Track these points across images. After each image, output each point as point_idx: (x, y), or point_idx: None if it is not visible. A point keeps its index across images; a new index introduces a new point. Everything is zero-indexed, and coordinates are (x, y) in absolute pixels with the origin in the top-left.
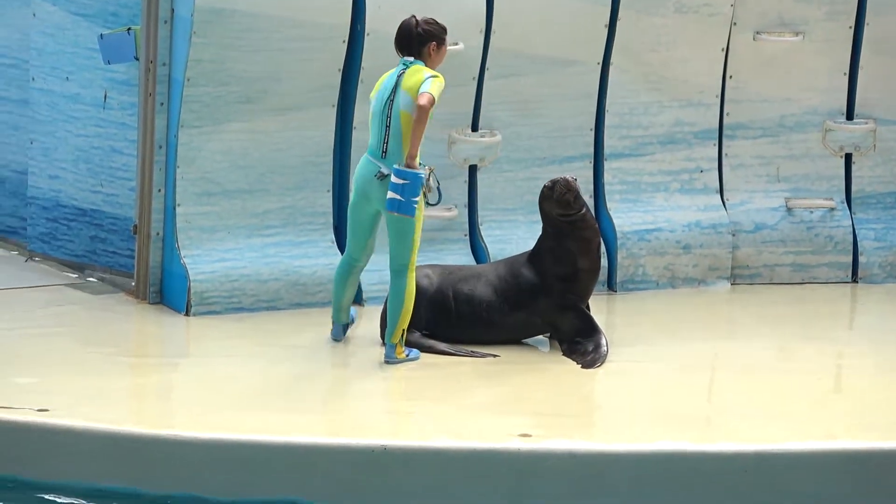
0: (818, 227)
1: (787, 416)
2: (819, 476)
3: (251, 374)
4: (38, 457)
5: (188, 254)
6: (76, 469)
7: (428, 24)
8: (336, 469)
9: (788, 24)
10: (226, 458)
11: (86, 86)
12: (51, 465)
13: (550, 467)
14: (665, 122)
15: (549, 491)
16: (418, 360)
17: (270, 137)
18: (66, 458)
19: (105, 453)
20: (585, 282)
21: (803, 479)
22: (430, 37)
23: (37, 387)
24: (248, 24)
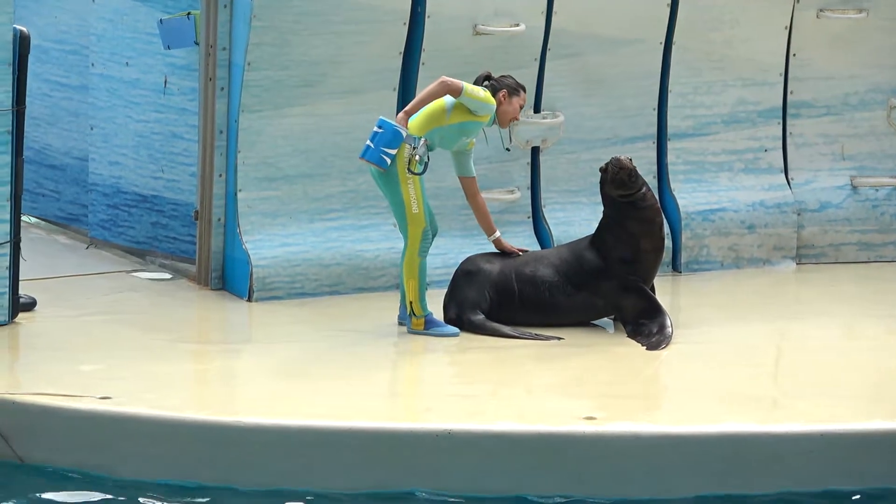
0: (884, 206)
1: (854, 396)
2: (889, 456)
3: (315, 359)
4: (101, 446)
5: (250, 239)
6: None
7: (501, 77)
8: (402, 454)
9: (852, 1)
10: (291, 445)
11: (146, 71)
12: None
13: (616, 450)
14: (728, 101)
15: (614, 474)
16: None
17: (331, 121)
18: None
19: (169, 441)
20: (648, 263)
21: (872, 459)
22: (501, 85)
23: (100, 374)
24: (308, 8)
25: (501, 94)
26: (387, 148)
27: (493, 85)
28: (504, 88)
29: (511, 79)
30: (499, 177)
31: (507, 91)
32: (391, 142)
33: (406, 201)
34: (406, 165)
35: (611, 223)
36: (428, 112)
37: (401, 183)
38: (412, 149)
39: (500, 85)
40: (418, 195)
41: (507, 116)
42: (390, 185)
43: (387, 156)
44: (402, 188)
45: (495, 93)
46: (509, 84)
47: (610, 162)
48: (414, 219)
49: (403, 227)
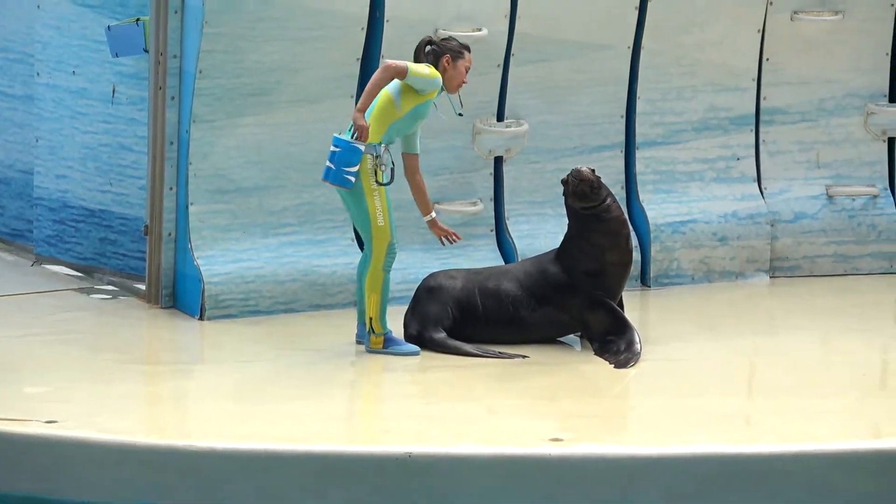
0: (861, 216)
1: (831, 414)
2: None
3: (270, 379)
4: (48, 471)
5: (202, 255)
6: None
7: (443, 40)
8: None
9: (828, 3)
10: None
11: (93, 80)
12: (61, 480)
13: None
14: (699, 107)
15: (581, 497)
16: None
17: (286, 131)
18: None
19: (118, 466)
20: (615, 277)
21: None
22: (444, 50)
23: (46, 396)
24: (262, 13)
25: (445, 59)
26: (348, 167)
27: (434, 50)
28: (447, 53)
29: (454, 41)
30: (460, 188)
31: (451, 55)
32: (351, 159)
33: (371, 213)
34: (371, 177)
35: (575, 236)
36: (378, 112)
37: (366, 195)
38: (374, 158)
39: (443, 49)
40: (384, 207)
41: (455, 81)
42: (355, 197)
43: (349, 175)
44: (367, 200)
45: (438, 59)
46: (452, 48)
47: (570, 173)
48: (380, 231)
49: (368, 241)
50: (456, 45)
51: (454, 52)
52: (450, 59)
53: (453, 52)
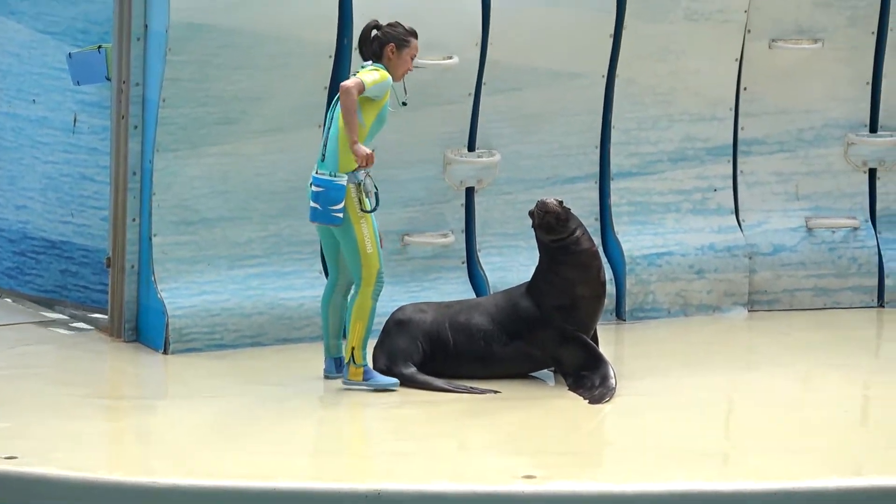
0: (841, 249)
1: (810, 451)
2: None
3: (234, 415)
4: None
5: (165, 287)
6: None
7: (389, 25)
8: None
9: (807, 31)
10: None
11: (54, 109)
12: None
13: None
14: (675, 137)
15: None
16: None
17: (252, 161)
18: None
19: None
20: (587, 311)
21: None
22: (388, 38)
23: (5, 432)
24: (228, 40)
25: (389, 48)
26: (335, 205)
27: (379, 37)
28: (391, 42)
29: (400, 27)
30: (431, 219)
31: (396, 44)
32: (337, 197)
33: (360, 241)
34: (357, 205)
35: (545, 269)
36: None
37: (353, 223)
38: (357, 186)
39: (388, 37)
40: (371, 234)
41: (399, 70)
42: (344, 228)
43: (338, 212)
44: (354, 228)
45: (383, 47)
46: (398, 35)
47: (536, 205)
48: (368, 259)
49: (357, 269)
50: (401, 33)
51: (399, 41)
52: (394, 48)
53: (398, 40)
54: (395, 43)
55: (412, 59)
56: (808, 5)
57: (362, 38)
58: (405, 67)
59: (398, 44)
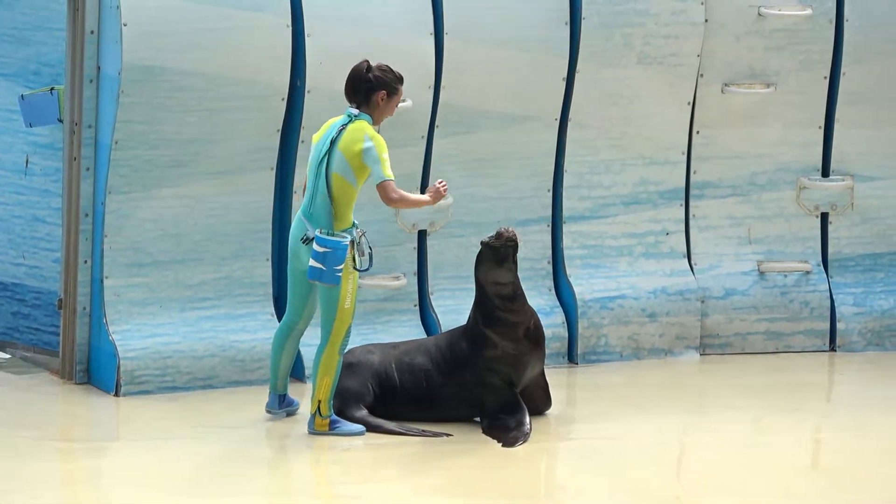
0: (793, 293)
1: (762, 495)
2: None
3: (186, 457)
4: None
5: (117, 329)
6: None
7: (381, 70)
8: None
9: (759, 75)
10: None
11: (5, 150)
12: None
13: None
14: (628, 181)
15: None
16: (362, 437)
17: (205, 203)
18: None
19: None
20: (510, 364)
21: None
22: (380, 85)
23: None
24: (180, 83)
25: (379, 95)
26: (339, 265)
27: (370, 82)
28: (383, 89)
29: (391, 73)
30: (383, 262)
31: (387, 91)
32: (343, 257)
33: (342, 296)
34: (350, 262)
35: (477, 312)
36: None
37: (342, 279)
38: (352, 244)
39: (379, 84)
40: (354, 291)
41: (383, 117)
42: (335, 292)
43: (340, 272)
44: (343, 294)
45: (372, 91)
46: (389, 82)
47: (495, 234)
48: (343, 314)
49: (329, 322)
50: (392, 80)
51: (390, 88)
52: (385, 96)
53: (390, 87)
54: (387, 90)
55: (397, 105)
56: (760, 49)
57: (354, 78)
58: (390, 115)
59: (389, 91)
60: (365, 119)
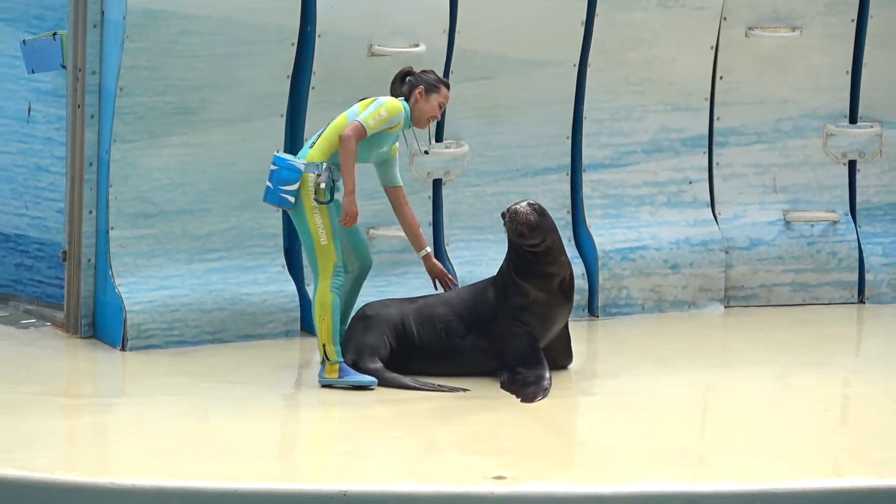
0: (820, 243)
1: (788, 452)
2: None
3: (194, 414)
4: None
5: (123, 282)
6: None
7: (423, 72)
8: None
9: (784, 19)
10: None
11: (7, 98)
12: None
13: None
14: (649, 128)
15: None
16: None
17: (213, 152)
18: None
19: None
20: (541, 315)
21: None
22: (419, 82)
23: None
24: (186, 27)
25: (418, 90)
26: (286, 186)
27: (411, 82)
28: (421, 85)
29: (433, 74)
30: None
31: (425, 87)
32: (288, 179)
33: (313, 232)
34: (312, 195)
35: (510, 266)
36: (329, 134)
37: (307, 213)
38: (316, 176)
39: (418, 81)
40: (326, 225)
41: (424, 115)
42: (298, 216)
43: (288, 194)
44: (308, 219)
45: (412, 90)
46: (428, 80)
47: (508, 211)
48: (323, 251)
49: (313, 261)
50: (433, 79)
51: (429, 85)
52: (423, 91)
53: (428, 84)
54: (425, 86)
55: (441, 106)
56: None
57: (393, 82)
58: (432, 113)
59: (427, 87)
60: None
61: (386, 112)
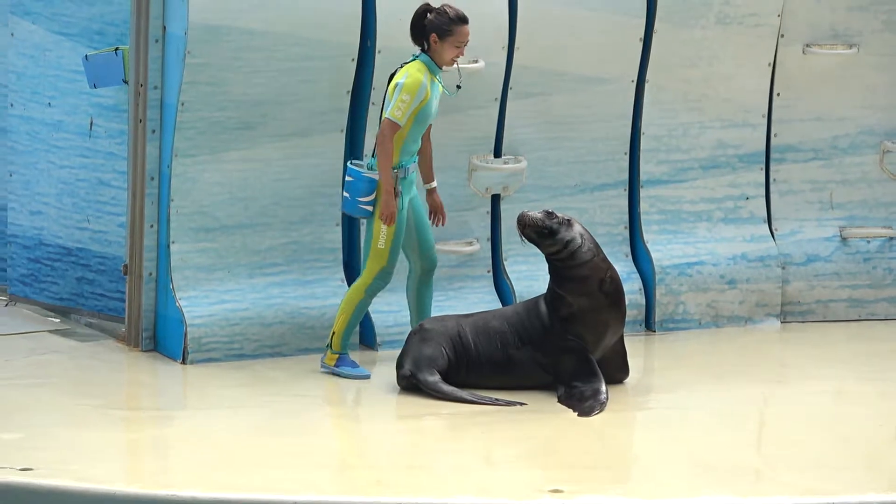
0: (876, 259)
1: (845, 468)
2: None
3: (255, 427)
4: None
5: (184, 296)
6: None
7: (436, 13)
8: None
9: (841, 36)
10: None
11: (70, 112)
12: None
13: None
14: (707, 144)
15: None
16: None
17: (273, 166)
18: None
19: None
20: (587, 323)
21: None
22: (431, 28)
23: (20, 443)
24: (248, 43)
25: (432, 38)
26: (363, 197)
27: (425, 27)
28: (433, 32)
29: (445, 15)
30: (456, 227)
31: (437, 34)
32: (366, 190)
33: (375, 235)
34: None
35: (551, 279)
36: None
37: (375, 217)
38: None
39: (431, 27)
40: (389, 231)
41: (444, 59)
42: (368, 226)
43: (366, 205)
44: (374, 222)
45: (428, 35)
46: (440, 25)
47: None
48: (377, 253)
49: (365, 259)
50: (444, 21)
51: (440, 30)
52: (436, 38)
53: (440, 30)
54: (437, 32)
55: (460, 45)
56: (842, 9)
57: (412, 23)
58: (452, 54)
59: (439, 33)
60: (421, 59)
61: (408, 95)
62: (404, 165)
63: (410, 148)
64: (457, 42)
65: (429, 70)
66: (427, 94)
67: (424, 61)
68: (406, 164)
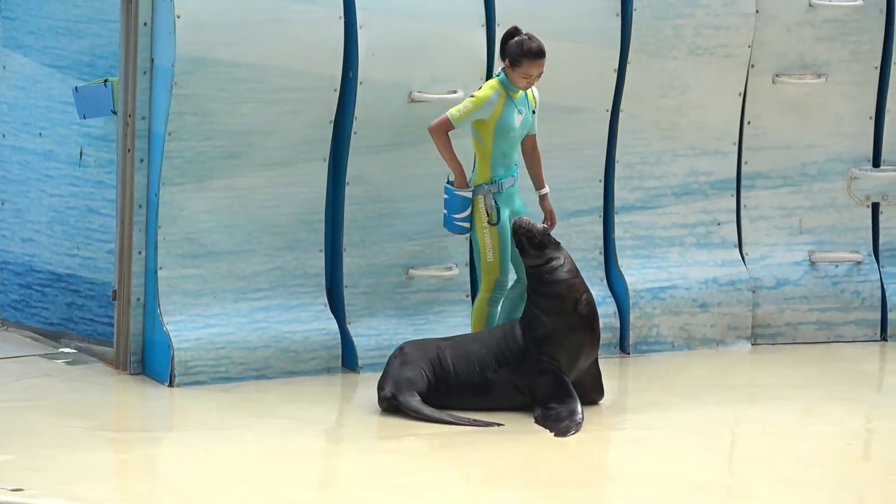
0: (844, 283)
1: (813, 484)
2: None
3: (240, 448)
4: None
5: (171, 320)
6: None
7: (517, 42)
8: None
9: (810, 66)
10: None
11: (60, 142)
12: None
13: None
14: (679, 171)
15: None
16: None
17: (257, 194)
18: None
19: None
20: (562, 343)
21: None
22: (505, 54)
23: (12, 464)
24: (233, 74)
25: (506, 62)
26: (460, 214)
27: (504, 49)
28: (507, 57)
29: (521, 46)
30: (435, 252)
31: (510, 60)
32: (461, 207)
33: (482, 249)
34: (484, 216)
35: (529, 299)
36: (477, 154)
37: (478, 232)
38: (483, 198)
39: (507, 52)
40: (494, 244)
41: (518, 85)
42: (472, 234)
43: (463, 221)
44: (479, 237)
45: (503, 59)
46: (513, 54)
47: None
48: (488, 267)
49: (479, 274)
50: (517, 52)
51: (512, 59)
52: (509, 64)
53: (512, 58)
54: (510, 59)
55: (531, 76)
56: (811, 40)
57: (501, 40)
58: (520, 84)
59: (512, 61)
60: (499, 78)
61: (471, 103)
62: (498, 181)
63: (502, 162)
64: (525, 74)
65: (504, 88)
66: (496, 109)
67: (502, 80)
68: (499, 178)
